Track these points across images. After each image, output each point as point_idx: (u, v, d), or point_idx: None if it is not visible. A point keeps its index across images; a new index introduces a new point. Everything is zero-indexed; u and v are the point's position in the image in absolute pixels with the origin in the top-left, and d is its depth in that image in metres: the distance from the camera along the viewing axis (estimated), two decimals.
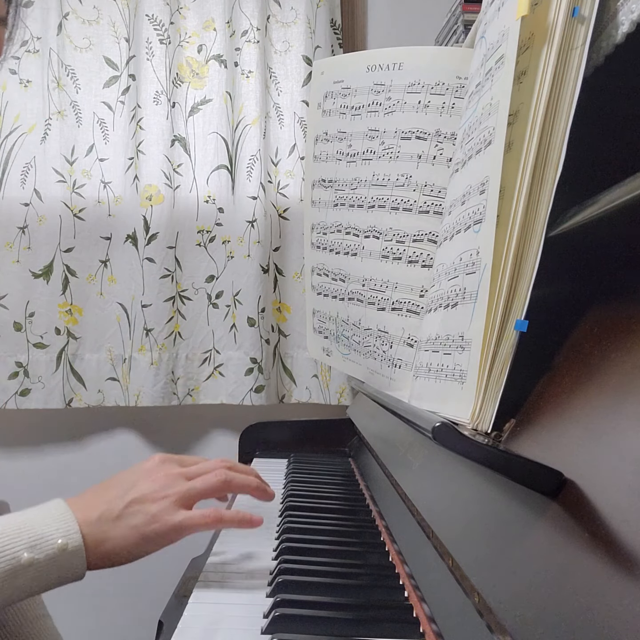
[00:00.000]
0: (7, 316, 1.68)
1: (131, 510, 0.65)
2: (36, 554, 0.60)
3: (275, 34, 1.75)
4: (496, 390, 0.53)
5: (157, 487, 0.66)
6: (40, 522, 0.62)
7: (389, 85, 0.93)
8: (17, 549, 0.60)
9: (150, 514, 0.65)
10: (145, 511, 0.65)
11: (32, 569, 0.60)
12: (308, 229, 1.09)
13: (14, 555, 0.60)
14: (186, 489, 0.67)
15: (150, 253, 1.69)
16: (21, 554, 0.60)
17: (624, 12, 0.50)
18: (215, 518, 0.66)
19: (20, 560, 0.60)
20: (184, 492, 0.66)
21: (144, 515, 0.64)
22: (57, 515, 0.63)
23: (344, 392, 1.72)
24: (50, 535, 0.61)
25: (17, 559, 0.60)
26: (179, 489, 0.67)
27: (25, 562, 0.60)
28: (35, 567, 0.60)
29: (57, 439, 1.77)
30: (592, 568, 0.34)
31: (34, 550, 0.60)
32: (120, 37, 1.72)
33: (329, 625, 0.57)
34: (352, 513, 0.93)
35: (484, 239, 0.56)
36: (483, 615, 0.44)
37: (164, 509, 0.65)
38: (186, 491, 0.67)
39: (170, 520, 0.64)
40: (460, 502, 0.57)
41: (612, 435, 0.39)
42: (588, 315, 0.51)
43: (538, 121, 0.52)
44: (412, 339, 0.89)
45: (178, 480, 0.68)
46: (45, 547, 0.61)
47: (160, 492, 0.66)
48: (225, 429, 1.80)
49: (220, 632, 0.58)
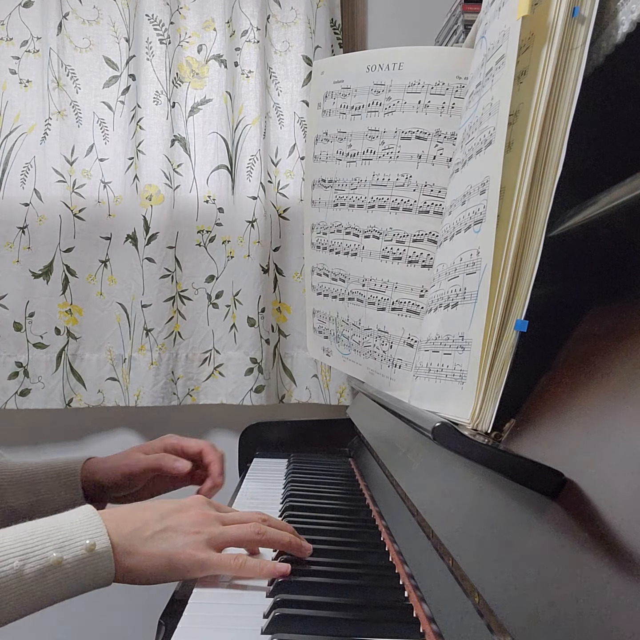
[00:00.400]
0: (7, 316, 1.68)
1: (164, 536, 0.67)
2: (65, 554, 0.62)
3: (275, 34, 1.75)
4: (496, 390, 0.53)
5: (193, 522, 0.68)
6: (69, 525, 0.64)
7: (389, 85, 0.93)
8: (46, 550, 0.61)
9: (181, 544, 0.66)
10: (177, 540, 0.67)
11: (60, 570, 0.61)
12: (308, 229, 1.09)
13: (44, 555, 0.61)
14: (219, 532, 0.69)
15: (150, 253, 1.69)
16: (50, 554, 0.61)
17: (624, 12, 0.50)
18: (240, 564, 0.67)
19: (49, 560, 0.61)
20: (216, 535, 0.68)
21: (174, 544, 0.66)
22: (85, 520, 0.65)
23: (344, 392, 1.72)
24: (78, 537, 0.63)
25: (47, 559, 0.61)
26: (212, 530, 0.68)
27: (54, 561, 0.61)
28: (63, 568, 0.61)
29: (57, 439, 1.77)
30: (592, 568, 0.34)
31: (62, 551, 0.62)
32: (120, 37, 1.72)
33: (329, 625, 0.57)
34: (352, 513, 0.93)
35: (484, 239, 0.56)
36: (483, 615, 0.44)
37: (194, 544, 0.67)
38: (219, 534, 0.69)
39: (197, 556, 0.66)
40: (460, 502, 0.57)
41: (612, 435, 0.39)
42: (588, 315, 0.51)
43: (538, 121, 0.52)
44: (412, 339, 0.89)
45: (214, 522, 0.70)
46: (73, 547, 0.62)
47: (194, 528, 0.68)
48: (225, 429, 1.80)
49: (220, 632, 0.58)
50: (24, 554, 0.60)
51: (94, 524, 0.64)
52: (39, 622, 0.72)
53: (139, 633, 1.64)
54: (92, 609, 1.66)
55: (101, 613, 1.68)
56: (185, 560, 0.66)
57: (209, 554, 0.66)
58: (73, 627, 1.70)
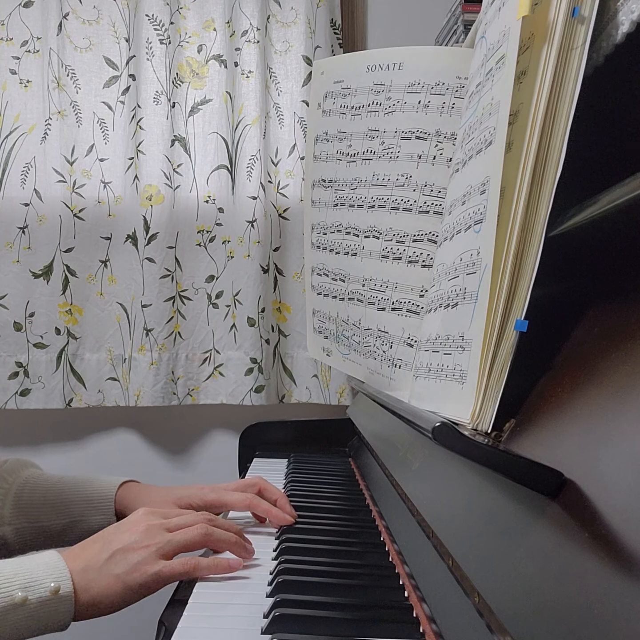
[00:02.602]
0: (7, 316, 1.68)
1: (114, 560, 0.67)
2: (30, 594, 0.62)
3: (275, 34, 1.75)
4: (496, 390, 0.53)
5: (138, 538, 0.69)
6: (35, 567, 0.65)
7: (389, 85, 0.93)
8: (12, 588, 0.62)
9: (132, 563, 0.67)
10: (127, 560, 0.67)
11: (23, 610, 0.62)
12: (308, 229, 1.09)
13: (9, 593, 0.62)
14: (166, 541, 0.69)
15: (150, 253, 1.69)
16: (15, 592, 0.62)
17: (624, 12, 0.50)
18: (193, 566, 0.68)
19: (14, 599, 0.62)
20: (164, 544, 0.69)
21: (126, 564, 0.67)
22: (50, 563, 0.66)
23: (344, 392, 1.72)
24: (44, 579, 0.64)
25: (12, 597, 0.62)
26: (159, 540, 0.69)
27: (18, 600, 0.62)
28: (27, 608, 0.62)
29: (57, 439, 1.77)
30: (592, 568, 0.34)
31: (27, 591, 0.63)
32: (120, 37, 1.72)
33: (329, 625, 0.57)
34: (352, 513, 0.93)
35: (484, 239, 0.56)
36: (483, 615, 0.44)
37: (144, 559, 0.67)
38: (167, 543, 0.69)
39: (150, 570, 0.67)
40: (460, 502, 0.57)
41: (612, 435, 0.39)
42: (588, 315, 0.51)
43: (538, 121, 0.52)
44: (412, 339, 0.89)
45: (159, 531, 0.70)
46: (38, 589, 0.63)
47: (141, 543, 0.69)
48: (225, 429, 1.80)
49: (220, 632, 0.58)
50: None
51: (59, 568, 0.65)
52: None
53: (139, 633, 1.64)
54: None
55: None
56: (139, 578, 0.67)
57: (160, 565, 0.67)
58: (73, 627, 1.69)
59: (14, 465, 0.95)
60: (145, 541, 0.69)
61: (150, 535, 0.69)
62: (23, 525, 0.92)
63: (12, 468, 0.94)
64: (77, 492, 0.93)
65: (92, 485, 0.94)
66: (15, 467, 0.95)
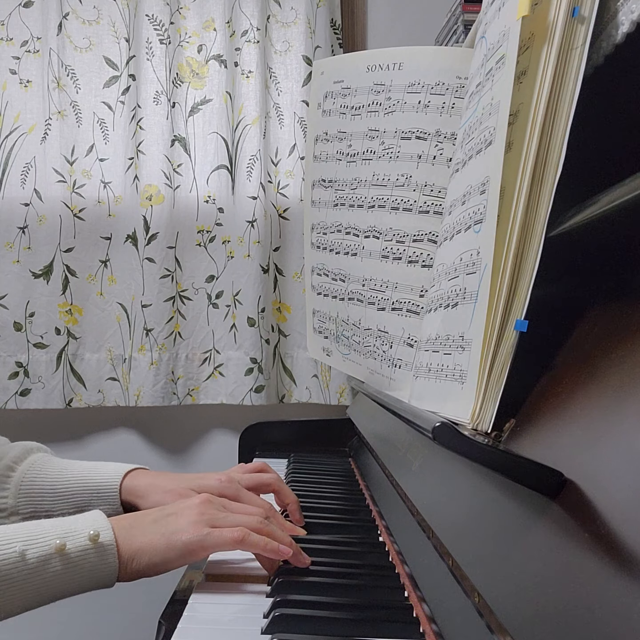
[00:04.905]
0: (7, 316, 1.68)
1: (162, 522, 0.67)
2: (68, 541, 0.62)
3: (275, 34, 1.75)
4: (496, 390, 0.53)
5: (195, 508, 0.68)
6: (74, 520, 0.65)
7: (389, 85, 0.93)
8: (50, 537, 0.62)
9: (180, 524, 0.66)
10: (176, 523, 0.66)
11: (63, 559, 0.61)
12: (308, 229, 1.09)
13: (47, 542, 0.61)
14: (223, 515, 0.69)
15: (150, 253, 1.69)
16: (53, 541, 0.61)
17: (624, 12, 0.50)
18: (242, 537, 0.66)
19: (52, 547, 0.61)
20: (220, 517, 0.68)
21: (175, 526, 0.66)
22: (89, 516, 0.66)
23: (344, 392, 1.72)
24: (83, 529, 0.64)
25: (49, 545, 0.61)
26: (215, 512, 0.68)
27: (57, 547, 0.61)
28: (66, 557, 0.61)
29: (57, 439, 1.77)
30: (592, 568, 0.34)
31: (66, 539, 0.62)
32: (120, 37, 1.72)
33: (329, 625, 0.57)
34: (352, 513, 0.93)
35: (484, 239, 0.56)
36: (483, 615, 0.44)
37: (194, 523, 0.66)
38: (222, 517, 0.68)
39: (197, 532, 0.65)
40: (460, 502, 0.57)
41: (612, 435, 0.39)
42: (588, 315, 0.51)
43: (538, 121, 0.52)
44: (412, 339, 0.89)
45: (218, 507, 0.70)
46: (77, 537, 0.63)
47: (197, 510, 0.68)
48: (225, 429, 1.80)
49: (220, 632, 0.58)
50: (27, 539, 0.61)
51: (99, 520, 0.65)
52: (39, 622, 0.72)
53: (139, 633, 1.64)
54: (92, 609, 1.66)
55: (101, 613, 1.68)
56: (183, 537, 0.65)
57: (208, 530, 0.66)
58: (73, 627, 1.70)
59: (20, 452, 0.94)
60: (202, 509, 0.68)
61: (208, 508, 0.68)
62: (31, 515, 0.91)
63: (18, 456, 0.93)
64: (83, 482, 0.92)
65: (96, 474, 0.93)
66: (22, 454, 0.94)
